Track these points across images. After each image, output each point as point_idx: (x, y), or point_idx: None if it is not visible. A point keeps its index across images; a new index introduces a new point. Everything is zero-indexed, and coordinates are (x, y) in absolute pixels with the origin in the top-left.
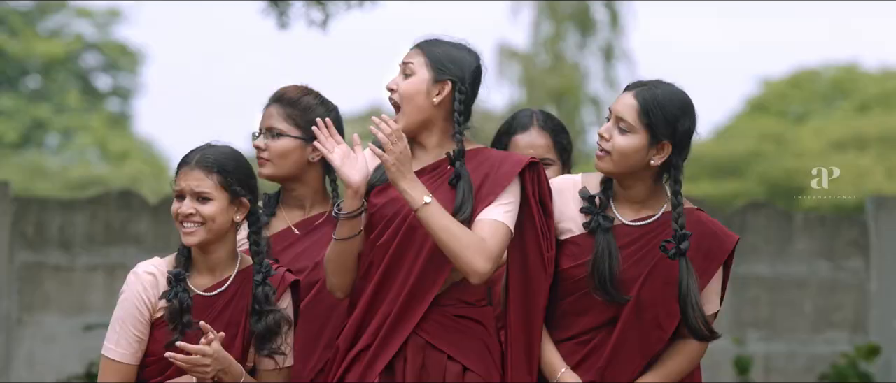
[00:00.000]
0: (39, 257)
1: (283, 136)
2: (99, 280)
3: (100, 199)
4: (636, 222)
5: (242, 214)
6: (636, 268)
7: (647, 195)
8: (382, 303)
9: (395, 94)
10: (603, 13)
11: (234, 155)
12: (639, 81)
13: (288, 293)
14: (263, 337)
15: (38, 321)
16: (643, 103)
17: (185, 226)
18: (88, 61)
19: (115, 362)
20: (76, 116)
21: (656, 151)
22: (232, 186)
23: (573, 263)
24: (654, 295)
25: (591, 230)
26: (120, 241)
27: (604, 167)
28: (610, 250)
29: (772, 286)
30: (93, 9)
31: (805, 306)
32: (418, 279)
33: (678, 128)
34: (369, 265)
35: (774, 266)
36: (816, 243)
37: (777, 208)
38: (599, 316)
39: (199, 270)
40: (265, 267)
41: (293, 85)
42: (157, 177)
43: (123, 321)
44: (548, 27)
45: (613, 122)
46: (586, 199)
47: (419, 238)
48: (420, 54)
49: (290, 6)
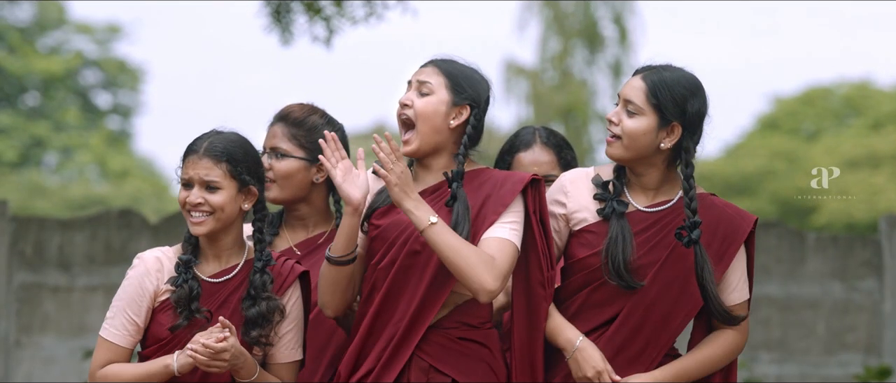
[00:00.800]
0: (38, 277)
1: (287, 157)
2: (98, 301)
3: (99, 219)
4: (651, 208)
5: (251, 202)
6: (651, 254)
7: (661, 181)
8: (385, 328)
9: (409, 110)
10: (611, 29)
11: (242, 142)
12: (647, 65)
13: (296, 285)
14: (253, 322)
15: (36, 343)
16: (651, 85)
17: (193, 216)
18: (88, 78)
19: (108, 342)
20: (75, 134)
21: (666, 134)
22: (241, 175)
23: (588, 252)
24: (670, 283)
25: (605, 216)
26: (120, 262)
27: (614, 153)
28: (624, 235)
29: (783, 307)
30: (93, 25)
31: (817, 327)
32: (421, 302)
33: (687, 108)
34: (371, 289)
35: (786, 286)
36: (829, 263)
37: (789, 227)
38: (615, 308)
39: (206, 257)
40: (266, 255)
41: (298, 103)
42: (158, 197)
43: (123, 303)
44: (555, 43)
45: (621, 106)
46: (600, 186)
47: (422, 261)
48: (438, 74)
49: (293, 22)
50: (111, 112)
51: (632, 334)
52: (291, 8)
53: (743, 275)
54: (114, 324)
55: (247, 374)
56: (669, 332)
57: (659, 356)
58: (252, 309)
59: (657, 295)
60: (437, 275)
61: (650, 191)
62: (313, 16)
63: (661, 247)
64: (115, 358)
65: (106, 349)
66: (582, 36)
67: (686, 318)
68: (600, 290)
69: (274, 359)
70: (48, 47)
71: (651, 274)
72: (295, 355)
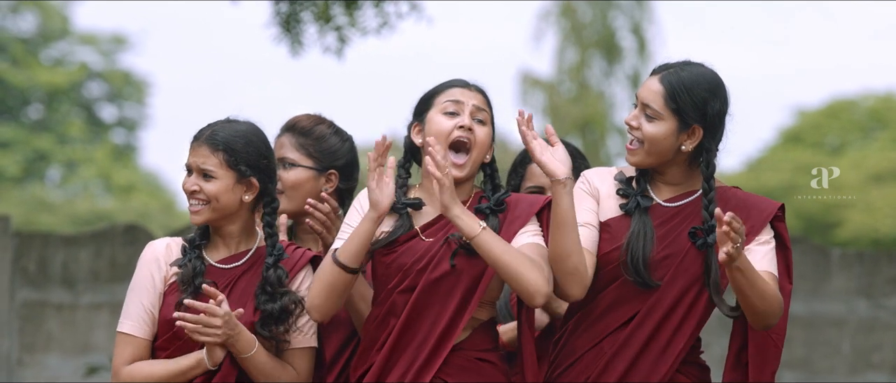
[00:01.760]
0: (41, 295)
1: (295, 167)
2: (103, 319)
3: (104, 235)
4: (672, 202)
5: (252, 195)
6: (671, 247)
7: (684, 177)
8: (405, 350)
9: (470, 134)
10: (630, 39)
11: (247, 133)
12: (665, 64)
13: (308, 270)
14: (276, 318)
15: (39, 362)
16: (669, 88)
17: (191, 203)
18: (92, 91)
19: (128, 336)
20: (80, 148)
21: (687, 137)
22: (238, 165)
23: (610, 247)
24: (688, 277)
25: (629, 211)
26: (125, 279)
27: (635, 160)
28: (645, 231)
29: (808, 325)
30: (98, 35)
31: (843, 346)
32: (446, 326)
33: (708, 111)
34: (388, 312)
35: (810, 304)
36: (854, 280)
37: (813, 243)
38: (635, 306)
39: (216, 244)
40: (278, 249)
41: (305, 114)
42: (165, 212)
43: (135, 294)
44: (572, 54)
45: (640, 110)
46: (623, 182)
47: (445, 287)
48: (488, 109)
49: (303, 33)
50: (116, 125)
51: (653, 331)
52: (302, 18)
53: (768, 255)
54: (130, 316)
55: (243, 348)
56: (691, 325)
57: (684, 350)
58: (270, 303)
59: (677, 292)
60: (461, 299)
61: (672, 186)
62: (324, 25)
63: (681, 239)
64: (138, 352)
65: (127, 343)
66: (599, 46)
67: (707, 312)
68: (619, 290)
69: (287, 345)
70: (52, 58)
71: (672, 269)
72: (309, 341)
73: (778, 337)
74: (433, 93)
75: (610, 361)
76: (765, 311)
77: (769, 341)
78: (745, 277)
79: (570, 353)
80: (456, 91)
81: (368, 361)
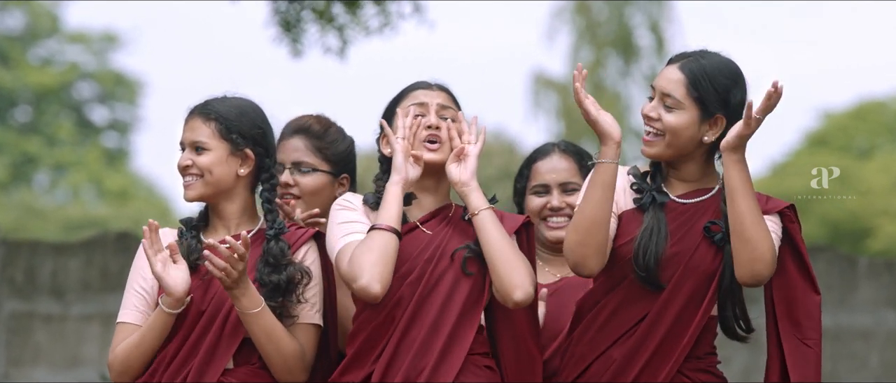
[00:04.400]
0: (29, 306)
1: (315, 172)
2: (94, 331)
3: (95, 243)
4: (686, 198)
5: (248, 168)
6: (681, 244)
7: (700, 174)
8: (412, 347)
9: (438, 132)
10: (647, 38)
11: (242, 105)
12: (682, 53)
13: (311, 246)
14: (283, 289)
15: (27, 375)
16: (690, 75)
17: (184, 179)
18: (83, 92)
19: (124, 324)
20: (69, 151)
21: (709, 127)
22: (230, 135)
23: (623, 240)
24: (696, 279)
25: (643, 206)
26: (117, 288)
27: (653, 152)
28: (659, 227)
29: (834, 337)
30: (88, 34)
31: (870, 359)
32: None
33: (731, 99)
34: (394, 307)
35: (836, 315)
36: (883, 291)
37: (840, 252)
38: (642, 309)
39: (214, 226)
40: (278, 224)
41: (308, 115)
42: (161, 219)
43: (132, 281)
44: (587, 53)
45: (658, 100)
46: (638, 177)
47: (452, 277)
48: (454, 106)
49: (304, 33)
50: (107, 128)
51: (664, 335)
52: (302, 17)
53: (772, 230)
54: (126, 305)
55: (248, 305)
56: (700, 328)
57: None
58: (273, 275)
59: (686, 293)
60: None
61: (686, 183)
62: (326, 25)
63: (691, 237)
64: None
65: (122, 331)
66: (616, 45)
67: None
68: (629, 289)
69: (293, 320)
70: (40, 58)
71: (681, 267)
72: (313, 318)
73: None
74: (397, 99)
75: (619, 368)
76: (755, 237)
77: (810, 353)
78: (742, 176)
79: (579, 360)
80: (419, 93)
81: (366, 369)
